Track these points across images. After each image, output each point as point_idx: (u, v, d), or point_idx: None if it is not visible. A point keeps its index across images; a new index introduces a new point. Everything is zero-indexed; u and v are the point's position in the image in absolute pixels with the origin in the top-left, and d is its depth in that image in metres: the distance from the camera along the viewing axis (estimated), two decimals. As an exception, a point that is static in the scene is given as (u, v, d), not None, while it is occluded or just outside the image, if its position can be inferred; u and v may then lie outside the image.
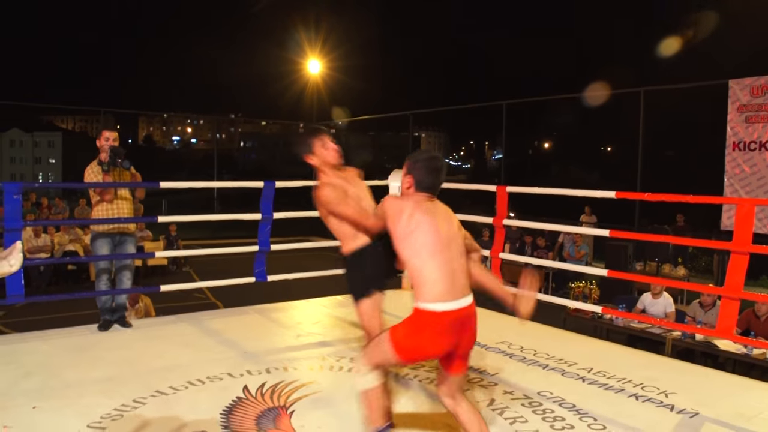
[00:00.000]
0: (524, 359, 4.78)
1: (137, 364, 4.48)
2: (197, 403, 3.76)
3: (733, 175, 9.34)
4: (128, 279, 5.55)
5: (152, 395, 3.86)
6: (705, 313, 6.78)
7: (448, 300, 2.65)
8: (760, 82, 9.02)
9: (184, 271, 13.74)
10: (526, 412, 3.74)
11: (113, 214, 5.30)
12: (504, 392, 4.05)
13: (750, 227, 4.09)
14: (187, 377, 4.17)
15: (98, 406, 3.66)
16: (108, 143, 5.24)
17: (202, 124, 67.32)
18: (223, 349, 4.87)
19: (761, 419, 3.75)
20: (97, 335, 5.20)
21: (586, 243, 12.38)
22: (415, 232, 2.70)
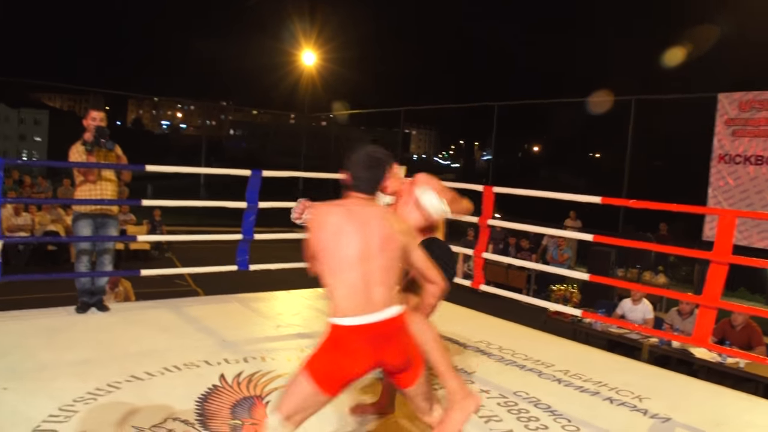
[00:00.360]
0: (502, 359, 4.80)
1: (113, 347, 4.45)
2: (172, 390, 3.74)
3: (717, 187, 9.43)
4: (109, 262, 5.50)
5: (127, 380, 3.84)
6: (683, 321, 6.84)
7: (360, 314, 2.44)
8: (748, 97, 9.10)
9: (166, 256, 13.67)
10: (501, 411, 3.76)
11: (96, 195, 5.25)
12: (480, 391, 4.06)
13: (730, 238, 4.13)
14: (164, 363, 4.15)
15: (71, 388, 3.63)
16: (94, 123, 5.19)
17: (192, 110, 66.85)
18: (202, 337, 4.85)
19: (731, 426, 3.81)
20: (74, 317, 5.16)
21: (570, 247, 12.45)
22: (331, 244, 2.51)
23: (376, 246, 2.50)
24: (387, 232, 2.54)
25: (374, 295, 2.47)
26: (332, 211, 2.57)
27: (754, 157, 9.00)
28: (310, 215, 2.64)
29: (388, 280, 2.52)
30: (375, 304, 2.46)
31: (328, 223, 2.53)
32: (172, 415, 3.38)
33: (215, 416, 3.42)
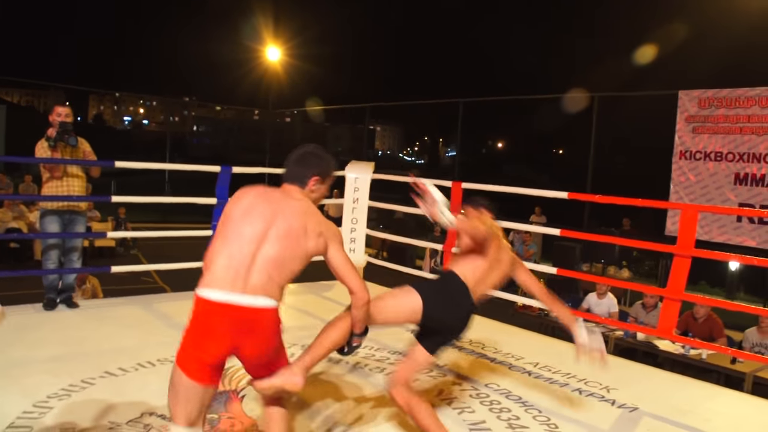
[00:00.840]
0: (473, 352, 4.88)
1: (85, 344, 4.42)
2: (147, 385, 3.73)
3: (678, 182, 9.66)
4: (77, 258, 5.46)
5: (101, 376, 3.82)
6: (647, 314, 7.02)
7: (229, 291, 2.32)
8: (707, 95, 9.35)
9: (132, 253, 13.52)
10: (474, 402, 3.83)
11: (63, 192, 5.21)
12: (452, 383, 4.14)
13: (693, 232, 4.27)
14: (137, 359, 4.14)
15: (45, 385, 3.60)
16: (59, 119, 5.13)
17: (154, 105, 65.96)
18: (174, 333, 4.80)
19: (695, 414, 3.93)
20: (43, 315, 5.11)
21: (535, 243, 12.64)
22: (235, 217, 2.46)
23: (277, 233, 2.41)
24: (296, 225, 2.45)
25: (252, 278, 2.35)
26: (252, 192, 2.55)
27: (713, 154, 9.26)
28: None
29: (273, 271, 2.39)
30: (248, 288, 2.33)
31: (242, 200, 2.51)
32: (148, 410, 3.38)
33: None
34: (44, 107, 43.64)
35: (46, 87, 48.94)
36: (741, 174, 8.99)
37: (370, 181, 6.63)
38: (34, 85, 55.28)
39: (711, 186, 9.28)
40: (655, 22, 23.81)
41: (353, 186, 6.57)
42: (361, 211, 6.56)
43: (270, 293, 2.37)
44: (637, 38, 26.82)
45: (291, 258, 2.45)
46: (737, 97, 8.99)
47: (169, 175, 19.45)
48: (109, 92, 62.64)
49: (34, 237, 10.90)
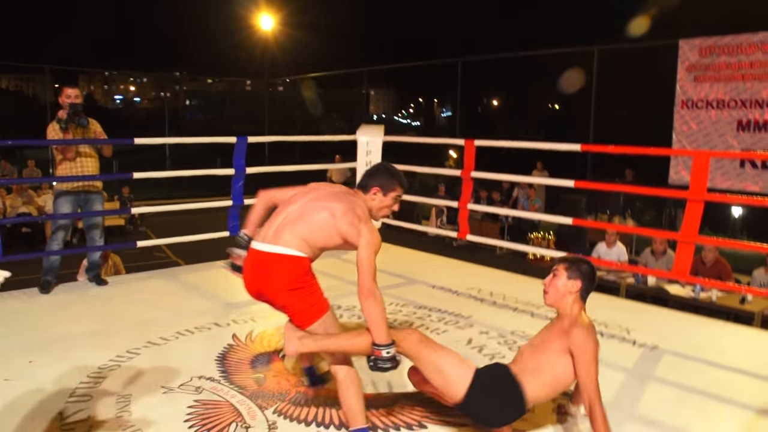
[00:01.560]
0: (494, 303, 5.06)
1: (123, 318, 4.58)
2: (191, 351, 3.91)
3: (681, 132, 9.77)
4: (99, 237, 5.53)
5: (145, 346, 3.99)
6: (656, 261, 7.20)
7: (257, 240, 2.88)
8: (708, 43, 9.39)
9: (140, 230, 13.67)
10: (503, 349, 4.01)
11: (77, 172, 5.25)
12: (480, 332, 4.32)
13: (705, 178, 4.40)
14: (176, 328, 4.31)
15: (93, 357, 3.76)
16: (69, 100, 5.16)
17: (145, 82, 65.38)
18: (205, 302, 5.00)
19: (711, 349, 4.12)
20: (76, 293, 5.25)
21: (539, 197, 12.81)
22: (291, 194, 3.01)
23: (311, 200, 2.87)
24: (333, 203, 2.83)
25: (279, 232, 2.80)
26: (321, 184, 3.08)
27: (715, 102, 9.34)
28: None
29: (298, 226, 2.79)
30: (271, 238, 2.80)
31: (311, 186, 3.04)
32: (196, 374, 3.55)
33: (237, 371, 3.60)
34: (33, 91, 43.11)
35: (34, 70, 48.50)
36: (744, 120, 9.10)
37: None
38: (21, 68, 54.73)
39: (713, 134, 9.38)
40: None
41: (365, 149, 6.69)
42: (374, 175, 6.68)
43: (289, 244, 2.76)
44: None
45: (320, 222, 2.80)
46: (739, 44, 9.03)
47: (169, 150, 19.49)
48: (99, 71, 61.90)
49: (46, 218, 11.00)
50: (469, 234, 6.04)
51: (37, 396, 3.23)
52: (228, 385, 3.41)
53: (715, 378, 3.65)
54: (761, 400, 3.35)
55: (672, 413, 3.18)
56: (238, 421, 3.00)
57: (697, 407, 3.28)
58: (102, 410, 3.09)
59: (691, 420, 3.12)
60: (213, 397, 3.26)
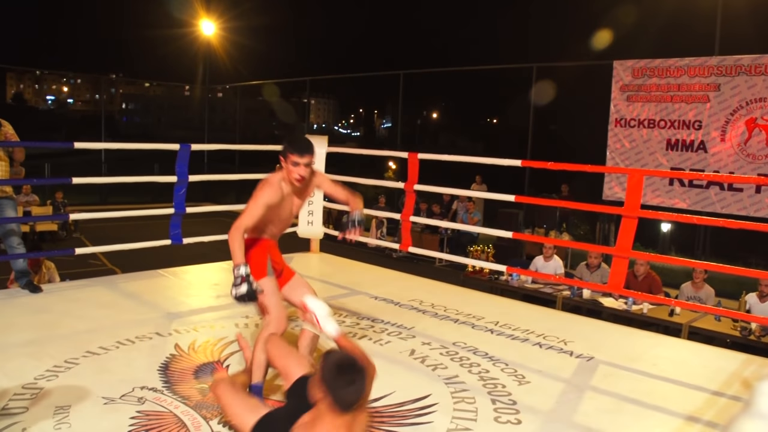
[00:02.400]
0: (436, 314, 5.14)
1: (59, 327, 4.45)
2: (132, 361, 3.84)
3: (614, 149, 10.14)
4: (18, 244, 5.25)
5: (84, 356, 3.89)
6: (591, 274, 7.44)
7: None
8: (640, 65, 9.80)
9: (74, 236, 13.26)
10: (445, 359, 4.09)
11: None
12: (422, 343, 4.38)
13: (639, 194, 4.60)
14: (116, 337, 4.22)
15: (28, 368, 3.65)
16: None
17: (79, 83, 63.52)
18: (146, 310, 4.91)
19: (644, 360, 4.30)
20: (9, 300, 5.08)
21: (478, 210, 13.05)
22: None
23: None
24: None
25: None
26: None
27: (647, 121, 9.74)
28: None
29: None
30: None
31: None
32: (138, 384, 3.49)
33: (181, 381, 3.56)
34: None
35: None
36: (672, 140, 9.52)
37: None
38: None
39: (645, 152, 9.78)
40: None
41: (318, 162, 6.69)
42: (318, 186, 6.69)
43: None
44: (575, 8, 27.31)
45: None
46: (668, 67, 9.47)
47: (105, 155, 18.99)
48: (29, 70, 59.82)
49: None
50: (410, 246, 6.12)
51: (-31, 408, 3.12)
52: (171, 396, 3.37)
53: (647, 387, 3.81)
54: (690, 407, 3.52)
55: (608, 421, 3.31)
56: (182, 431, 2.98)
57: (631, 415, 3.42)
58: (38, 423, 3.00)
59: (626, 427, 3.26)
60: (156, 408, 3.21)
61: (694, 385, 3.87)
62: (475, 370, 3.93)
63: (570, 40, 18.00)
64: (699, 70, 9.20)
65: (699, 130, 9.28)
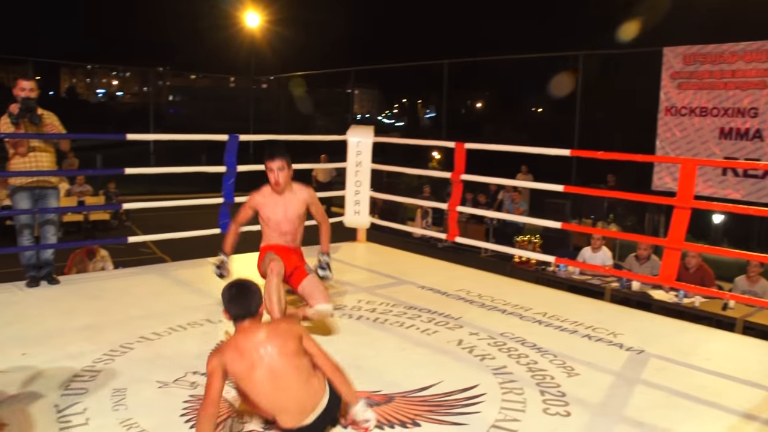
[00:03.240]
0: (483, 305, 5.12)
1: (114, 312, 4.58)
2: (184, 347, 3.93)
3: (664, 138, 9.92)
4: (53, 234, 5.34)
5: (138, 341, 4.00)
6: (640, 266, 7.31)
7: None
8: (692, 51, 9.55)
9: (126, 225, 13.59)
10: (493, 350, 4.07)
11: (30, 167, 5.11)
12: (470, 333, 4.38)
13: (692, 185, 4.50)
14: (168, 324, 4.32)
15: (87, 351, 3.78)
16: (23, 93, 4.96)
17: (128, 76, 64.82)
18: (197, 298, 5.01)
19: (697, 355, 4.21)
20: (66, 287, 5.24)
21: (524, 201, 12.93)
22: None
23: None
24: None
25: None
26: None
27: (698, 109, 9.50)
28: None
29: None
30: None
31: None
32: (190, 369, 3.57)
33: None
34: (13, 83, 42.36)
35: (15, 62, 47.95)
36: (726, 128, 9.27)
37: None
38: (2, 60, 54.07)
39: (696, 141, 9.55)
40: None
41: (356, 150, 6.73)
42: (364, 174, 6.74)
43: None
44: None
45: None
46: (722, 53, 9.21)
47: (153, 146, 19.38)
48: (81, 65, 61.27)
49: (7, 214, 10.76)
50: (456, 236, 6.11)
51: (31, 388, 3.25)
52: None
53: (701, 382, 3.73)
54: (746, 404, 3.43)
55: (660, 416, 3.25)
56: (234, 417, 3.03)
57: (684, 410, 3.35)
58: (97, 404, 3.10)
59: (679, 422, 3.20)
60: (209, 393, 3.27)
61: (750, 381, 3.77)
62: (524, 361, 3.91)
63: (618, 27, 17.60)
64: (756, 55, 8.92)
65: (755, 117, 9.00)
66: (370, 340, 4.17)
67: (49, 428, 2.86)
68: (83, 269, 6.82)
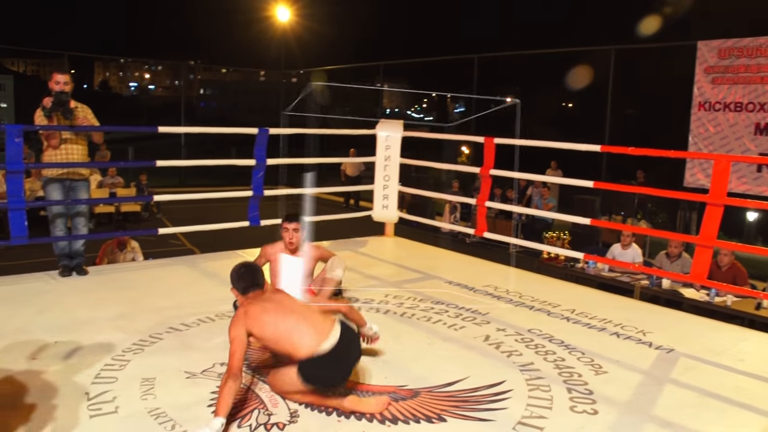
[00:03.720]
0: (511, 301, 5.09)
1: (144, 303, 4.64)
2: (212, 338, 3.97)
3: (698, 134, 9.75)
4: (83, 225, 5.44)
5: (167, 331, 4.06)
6: (671, 263, 7.20)
7: None
8: (727, 45, 9.36)
9: (157, 217, 13.77)
10: (520, 346, 4.05)
11: (62, 159, 5.18)
12: (497, 329, 4.35)
13: (726, 182, 4.41)
14: (197, 315, 4.37)
15: (117, 340, 3.84)
16: (58, 87, 5.04)
17: (160, 70, 65.64)
18: (226, 289, 4.93)
19: (729, 355, 4.13)
20: (97, 277, 5.33)
21: (553, 196, 12.82)
22: None
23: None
24: None
25: None
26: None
27: (733, 104, 9.31)
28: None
29: None
30: None
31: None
32: (219, 360, 3.60)
33: (259, 360, 3.65)
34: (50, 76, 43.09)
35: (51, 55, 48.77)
36: (761, 124, 9.06)
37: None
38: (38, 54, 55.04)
39: (731, 136, 9.36)
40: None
41: (385, 144, 6.73)
42: (393, 169, 6.73)
43: None
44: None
45: None
46: (759, 46, 9.00)
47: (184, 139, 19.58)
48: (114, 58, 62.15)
49: (42, 205, 10.91)
50: (485, 231, 6.07)
51: (62, 375, 3.30)
52: (250, 373, 3.46)
53: (733, 382, 3.66)
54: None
55: (690, 416, 3.20)
56: (261, 409, 3.06)
57: (716, 411, 3.29)
58: (126, 393, 3.15)
59: (710, 423, 3.14)
60: (236, 384, 3.30)
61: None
62: (551, 357, 3.87)
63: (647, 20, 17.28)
64: (795, 49, 8.70)
65: (793, 113, 8.79)
66: (397, 334, 4.16)
67: (80, 415, 2.91)
68: (114, 260, 6.92)
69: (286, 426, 2.91)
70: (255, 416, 2.97)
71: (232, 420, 2.90)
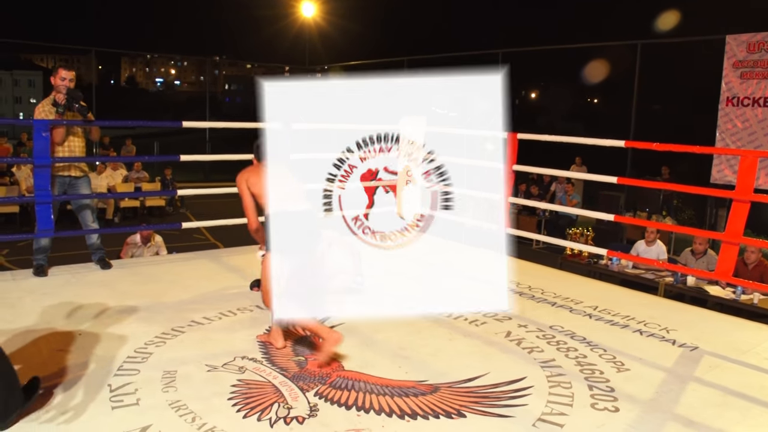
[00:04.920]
0: (533, 297, 5.07)
1: (167, 296, 4.69)
2: (233, 332, 4.00)
3: (725, 129, 9.58)
4: (92, 221, 5.41)
5: (189, 324, 4.09)
6: (696, 260, 7.10)
7: None
8: (757, 39, 9.18)
9: (181, 212, 13.89)
10: (542, 343, 4.02)
11: (64, 155, 5.16)
12: (518, 325, 4.33)
13: (752, 178, 4.33)
14: (219, 309, 4.41)
15: (140, 333, 3.88)
16: (64, 83, 5.02)
17: (185, 66, 66.21)
18: (248, 284, 5.08)
19: (754, 353, 4.07)
20: (120, 270, 5.39)
21: (577, 192, 12.70)
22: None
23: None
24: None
25: None
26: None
27: (762, 99, 9.13)
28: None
29: None
30: None
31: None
32: (239, 354, 3.63)
33: (279, 354, 3.67)
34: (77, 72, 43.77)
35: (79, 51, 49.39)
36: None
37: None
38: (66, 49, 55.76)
39: (759, 132, 9.18)
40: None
41: (408, 139, 6.71)
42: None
43: None
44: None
45: None
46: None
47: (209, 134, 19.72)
48: (141, 54, 62.78)
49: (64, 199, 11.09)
50: (508, 227, 6.04)
51: (86, 367, 3.35)
52: (270, 367, 3.48)
53: (759, 382, 3.61)
54: (805, 405, 3.30)
55: (714, 415, 3.16)
56: (281, 402, 3.07)
57: (740, 410, 3.24)
58: (148, 385, 3.18)
59: (734, 423, 3.10)
60: (256, 378, 3.33)
61: (810, 381, 3.63)
62: (572, 354, 3.85)
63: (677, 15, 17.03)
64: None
65: (823, 108, 8.60)
66: (418, 329, 4.16)
67: (102, 406, 2.95)
68: (138, 254, 7.01)
69: (306, 420, 2.92)
70: (275, 410, 2.99)
71: (252, 413, 2.93)
